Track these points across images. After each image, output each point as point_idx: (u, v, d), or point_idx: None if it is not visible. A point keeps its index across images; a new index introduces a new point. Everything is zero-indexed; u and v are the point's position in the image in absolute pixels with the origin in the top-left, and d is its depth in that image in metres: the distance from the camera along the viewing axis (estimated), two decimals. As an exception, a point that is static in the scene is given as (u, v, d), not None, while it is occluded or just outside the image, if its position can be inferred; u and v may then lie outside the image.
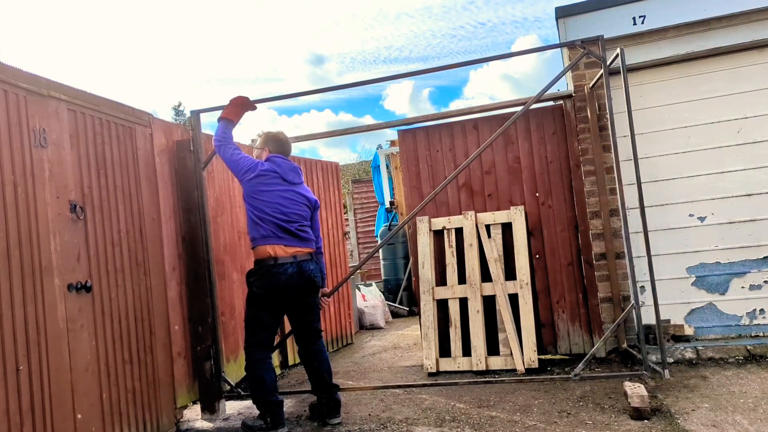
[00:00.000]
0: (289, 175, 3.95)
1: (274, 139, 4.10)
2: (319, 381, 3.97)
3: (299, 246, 3.84)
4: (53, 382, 3.07)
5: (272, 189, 3.85)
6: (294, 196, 3.91)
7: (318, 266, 3.99)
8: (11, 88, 3.01)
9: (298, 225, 3.87)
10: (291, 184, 3.94)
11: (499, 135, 4.44)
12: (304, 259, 3.85)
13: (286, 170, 3.95)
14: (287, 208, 3.85)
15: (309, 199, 4.01)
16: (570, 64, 4.42)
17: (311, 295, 3.95)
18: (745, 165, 4.74)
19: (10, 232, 2.91)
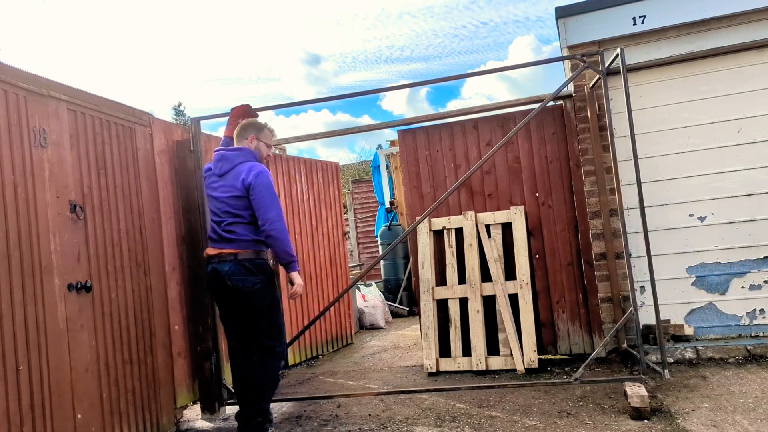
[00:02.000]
0: (218, 167, 3.62)
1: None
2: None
3: (219, 247, 3.53)
4: (53, 382, 3.07)
5: (210, 190, 3.68)
6: (223, 190, 3.56)
7: (239, 268, 3.45)
8: (11, 88, 3.01)
9: (225, 223, 3.53)
10: (220, 177, 3.60)
11: (504, 143, 4.43)
12: (223, 260, 3.49)
13: (216, 162, 3.65)
14: (217, 206, 3.59)
15: (236, 187, 3.50)
16: (571, 77, 4.42)
17: (237, 302, 3.51)
18: (745, 165, 4.74)
19: (10, 232, 2.91)
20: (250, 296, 3.47)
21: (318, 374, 5.51)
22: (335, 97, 4.95)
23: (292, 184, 6.20)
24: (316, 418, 4.12)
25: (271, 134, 3.89)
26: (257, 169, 3.52)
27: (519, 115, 5.25)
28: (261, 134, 3.79)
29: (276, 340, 3.57)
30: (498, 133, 5.32)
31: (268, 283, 3.54)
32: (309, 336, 6.10)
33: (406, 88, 6.86)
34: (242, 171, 3.52)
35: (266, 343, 3.53)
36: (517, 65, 4.61)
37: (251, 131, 3.77)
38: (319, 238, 6.54)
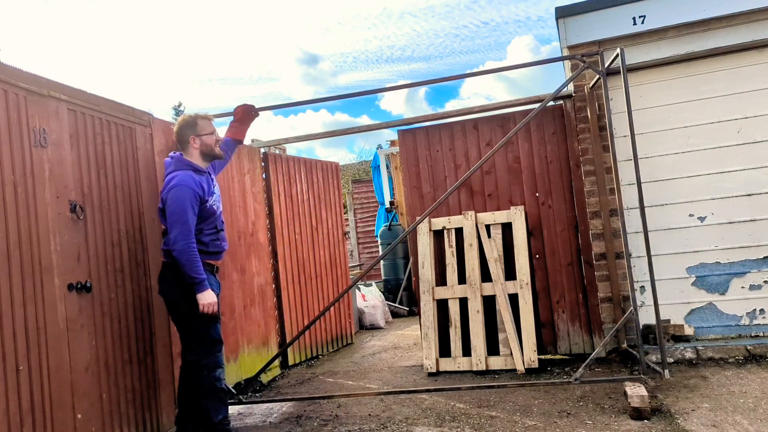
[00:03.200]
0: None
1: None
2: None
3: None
4: (53, 382, 3.06)
5: None
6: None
7: (162, 277, 3.55)
8: (11, 88, 3.01)
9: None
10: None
11: (504, 143, 4.44)
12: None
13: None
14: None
15: (161, 198, 3.52)
16: (571, 77, 4.43)
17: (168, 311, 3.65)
18: (745, 165, 4.74)
19: (10, 232, 2.91)
20: (170, 306, 3.57)
21: (318, 374, 5.51)
22: (334, 97, 4.96)
23: (292, 184, 6.20)
24: (316, 418, 4.12)
25: (207, 121, 3.70)
26: (173, 182, 3.43)
27: (519, 115, 5.25)
28: (197, 129, 3.64)
29: (197, 353, 3.46)
30: (498, 133, 5.32)
31: (188, 293, 3.42)
32: (309, 336, 6.10)
33: (404, 88, 6.87)
34: (165, 183, 3.53)
35: (187, 356, 3.52)
36: (516, 65, 4.61)
37: (188, 132, 3.64)
38: (319, 238, 6.54)
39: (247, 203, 5.38)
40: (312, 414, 4.24)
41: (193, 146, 3.63)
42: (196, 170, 3.58)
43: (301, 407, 4.44)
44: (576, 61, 4.72)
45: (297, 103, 4.93)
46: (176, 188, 3.40)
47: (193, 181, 3.46)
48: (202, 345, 3.46)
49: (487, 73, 4.89)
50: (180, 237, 3.35)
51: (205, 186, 3.55)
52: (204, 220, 3.54)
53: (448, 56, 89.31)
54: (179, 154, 3.65)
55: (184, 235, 3.35)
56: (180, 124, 3.68)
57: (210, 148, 3.66)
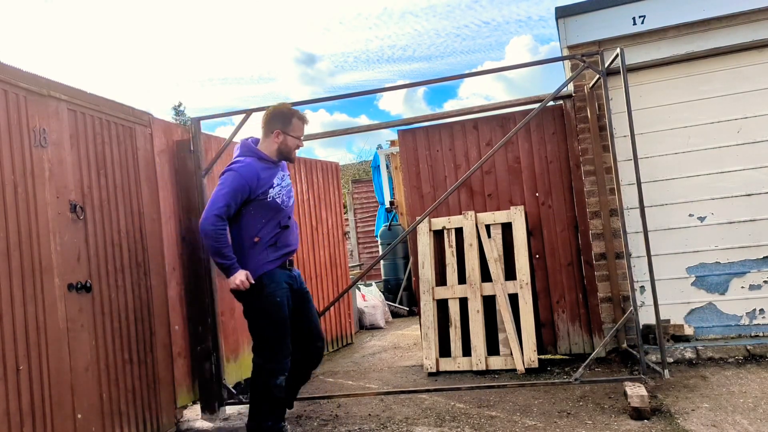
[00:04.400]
0: None
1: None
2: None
3: None
4: (53, 382, 3.07)
5: None
6: None
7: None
8: (11, 88, 3.01)
9: None
10: None
11: (504, 143, 4.43)
12: None
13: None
14: None
15: None
16: (571, 77, 4.42)
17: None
18: (745, 165, 4.74)
19: (10, 232, 2.91)
20: (241, 302, 3.46)
21: (318, 374, 5.51)
22: (334, 97, 4.95)
23: (292, 184, 6.19)
24: (316, 418, 4.12)
25: (301, 123, 3.51)
26: (229, 167, 3.36)
27: (519, 115, 5.25)
28: (289, 127, 3.44)
29: (261, 356, 3.39)
30: (498, 133, 5.32)
31: (255, 294, 3.34)
32: (309, 336, 6.09)
33: (403, 88, 6.86)
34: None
35: (253, 358, 3.42)
36: (516, 65, 4.60)
37: (276, 124, 3.43)
38: (319, 238, 6.54)
39: (247, 203, 5.37)
40: (312, 414, 4.24)
41: (275, 140, 3.44)
42: (261, 158, 3.40)
43: (301, 407, 4.44)
44: (576, 61, 4.72)
45: (296, 104, 4.90)
46: (227, 173, 3.32)
47: (250, 170, 3.29)
48: (266, 348, 3.36)
49: (486, 74, 4.91)
50: (207, 219, 3.22)
51: (263, 176, 3.35)
52: (264, 214, 3.35)
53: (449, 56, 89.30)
54: (252, 139, 3.48)
55: (213, 219, 3.21)
56: (274, 111, 3.47)
57: (288, 151, 3.49)
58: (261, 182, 3.33)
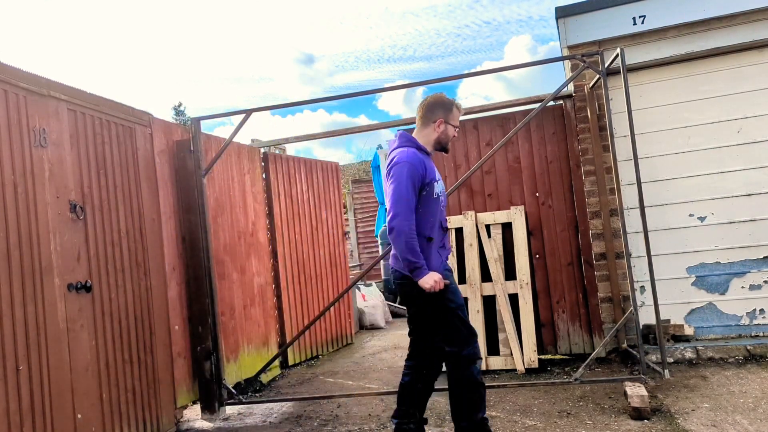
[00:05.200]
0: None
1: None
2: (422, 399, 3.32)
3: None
4: (53, 382, 3.07)
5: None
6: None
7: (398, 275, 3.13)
8: (11, 88, 3.01)
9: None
10: None
11: (504, 143, 4.43)
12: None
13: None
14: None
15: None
16: (571, 77, 4.42)
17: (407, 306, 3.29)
18: (745, 165, 4.74)
19: (10, 232, 2.91)
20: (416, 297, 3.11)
21: (318, 374, 5.51)
22: (333, 97, 4.97)
23: (292, 184, 6.20)
24: (316, 418, 4.12)
25: (459, 113, 3.33)
26: (395, 159, 3.08)
27: (519, 115, 5.25)
28: (450, 115, 3.25)
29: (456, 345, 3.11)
30: (498, 133, 5.32)
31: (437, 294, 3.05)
32: (309, 336, 6.10)
33: (402, 88, 6.85)
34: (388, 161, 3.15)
35: (445, 349, 3.12)
36: (516, 65, 4.60)
37: (439, 112, 3.23)
38: (319, 238, 6.54)
39: (247, 203, 5.38)
40: (312, 414, 4.24)
41: (436, 129, 3.22)
42: (419, 148, 3.19)
43: (301, 407, 4.44)
44: (576, 61, 4.72)
45: (295, 104, 4.91)
46: (397, 165, 3.04)
47: (416, 158, 3.08)
48: (458, 335, 3.12)
49: (485, 74, 4.91)
50: (402, 216, 2.96)
51: (428, 166, 3.15)
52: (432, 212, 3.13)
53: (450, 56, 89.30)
54: (405, 133, 3.27)
55: (404, 215, 2.96)
56: (435, 99, 3.27)
57: (447, 141, 3.29)
58: (428, 171, 3.12)
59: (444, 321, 3.11)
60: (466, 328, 3.14)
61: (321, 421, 4.05)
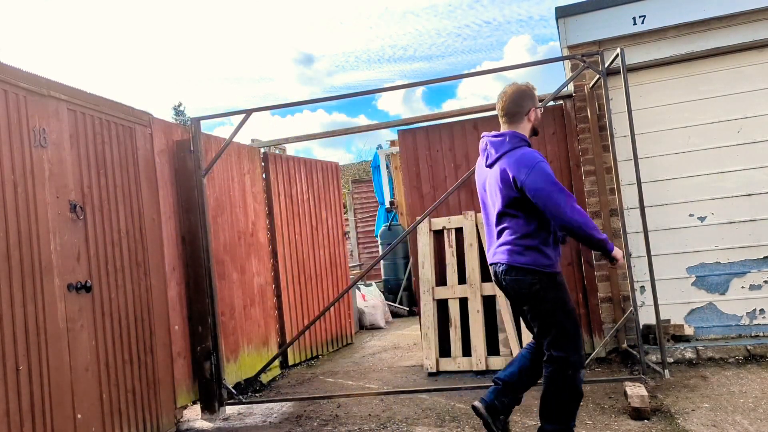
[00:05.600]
0: (485, 157, 3.12)
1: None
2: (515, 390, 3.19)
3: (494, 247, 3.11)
4: (53, 382, 3.07)
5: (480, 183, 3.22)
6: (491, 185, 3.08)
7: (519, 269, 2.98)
8: (11, 88, 3.01)
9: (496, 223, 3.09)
10: (489, 168, 3.08)
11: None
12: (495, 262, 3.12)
13: (482, 152, 3.17)
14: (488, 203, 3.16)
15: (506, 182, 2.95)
16: (571, 77, 4.43)
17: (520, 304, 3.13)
18: (745, 165, 4.74)
19: (10, 232, 2.91)
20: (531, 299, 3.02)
21: (318, 374, 5.51)
22: (333, 97, 4.97)
23: (292, 184, 6.20)
24: (316, 418, 4.12)
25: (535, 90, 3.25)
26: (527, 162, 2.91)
27: (519, 115, 5.24)
28: (535, 99, 3.14)
29: (564, 350, 2.99)
30: (498, 133, 5.31)
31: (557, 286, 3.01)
32: (309, 336, 6.10)
33: (402, 88, 6.85)
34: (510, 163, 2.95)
35: (553, 353, 2.99)
36: (516, 65, 4.61)
37: (528, 102, 3.09)
38: (319, 238, 6.54)
39: (247, 203, 5.38)
40: (312, 414, 4.24)
41: (529, 119, 3.09)
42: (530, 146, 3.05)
43: (301, 407, 4.44)
44: (576, 61, 4.72)
45: (295, 104, 4.92)
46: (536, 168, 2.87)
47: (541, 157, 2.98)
48: (568, 340, 3.00)
49: (486, 74, 4.91)
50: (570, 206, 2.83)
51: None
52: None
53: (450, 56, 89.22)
54: (512, 131, 3.08)
55: (571, 200, 2.86)
56: (518, 91, 3.11)
57: (539, 123, 3.18)
58: None
59: (555, 322, 3.00)
60: (576, 333, 3.03)
61: (321, 421, 4.05)
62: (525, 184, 2.87)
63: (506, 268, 3.02)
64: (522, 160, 2.92)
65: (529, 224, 2.98)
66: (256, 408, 4.52)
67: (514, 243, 2.99)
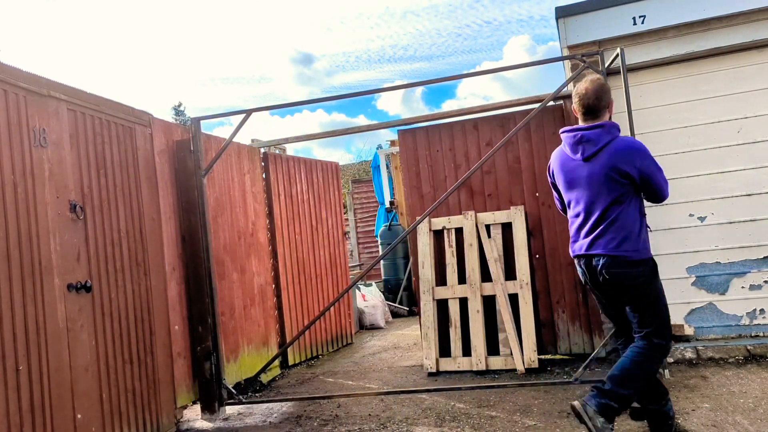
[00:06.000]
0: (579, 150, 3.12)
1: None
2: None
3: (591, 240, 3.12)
4: (53, 382, 3.07)
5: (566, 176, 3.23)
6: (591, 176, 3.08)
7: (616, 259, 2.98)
8: (11, 88, 3.01)
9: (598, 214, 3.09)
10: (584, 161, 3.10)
11: (504, 143, 4.43)
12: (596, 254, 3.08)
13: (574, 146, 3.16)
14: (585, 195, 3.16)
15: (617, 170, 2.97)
16: (571, 77, 4.42)
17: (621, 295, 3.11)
18: (745, 165, 4.73)
19: (10, 232, 2.91)
20: (635, 288, 3.03)
21: (318, 374, 5.51)
22: (333, 97, 4.97)
23: (292, 184, 6.20)
24: (316, 418, 4.12)
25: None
26: (637, 148, 3.00)
27: (519, 115, 5.25)
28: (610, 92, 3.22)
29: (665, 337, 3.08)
30: (498, 133, 5.32)
31: (656, 274, 3.06)
32: (309, 336, 6.10)
33: (401, 88, 6.85)
34: (619, 152, 2.98)
35: (653, 340, 3.03)
36: (516, 65, 4.60)
37: (607, 96, 3.13)
38: (319, 238, 6.54)
39: (247, 203, 5.38)
40: (312, 414, 4.24)
41: (610, 111, 3.16)
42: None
43: (301, 407, 4.44)
44: (576, 61, 4.72)
45: (295, 104, 4.92)
46: (645, 149, 3.01)
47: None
48: (667, 329, 3.08)
49: (486, 74, 4.91)
50: (665, 181, 3.05)
51: None
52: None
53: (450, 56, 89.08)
54: (609, 122, 3.12)
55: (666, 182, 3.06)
56: (598, 88, 3.13)
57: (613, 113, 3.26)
58: None
59: (659, 312, 3.06)
60: (669, 321, 3.13)
61: (321, 421, 4.05)
62: (641, 169, 2.95)
63: (610, 261, 3.00)
64: (632, 147, 3.01)
65: (634, 213, 3.04)
66: (256, 408, 4.52)
67: (620, 233, 3.00)
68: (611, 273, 3.01)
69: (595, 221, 3.07)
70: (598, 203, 3.06)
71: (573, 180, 3.18)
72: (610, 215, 3.02)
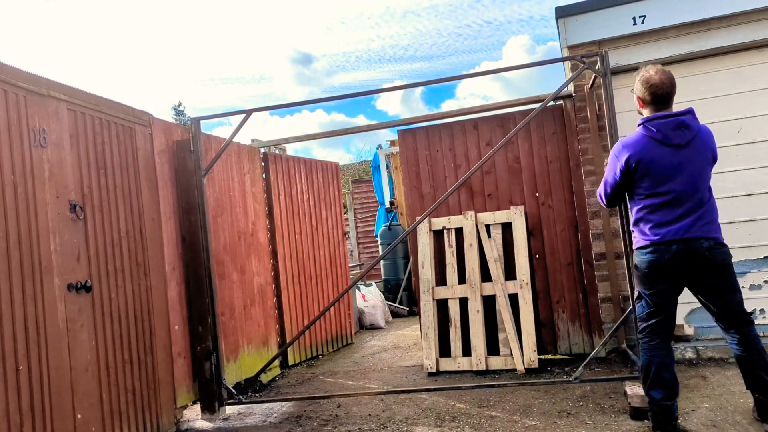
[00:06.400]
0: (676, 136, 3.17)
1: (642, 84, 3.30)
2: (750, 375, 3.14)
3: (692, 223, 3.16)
4: (53, 382, 3.07)
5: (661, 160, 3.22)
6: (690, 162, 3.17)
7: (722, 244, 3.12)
8: (11, 88, 3.01)
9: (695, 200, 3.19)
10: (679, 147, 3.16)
11: (504, 143, 4.43)
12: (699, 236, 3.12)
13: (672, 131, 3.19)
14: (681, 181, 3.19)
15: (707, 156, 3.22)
16: (571, 78, 4.42)
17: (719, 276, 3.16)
18: (745, 165, 4.73)
19: (10, 232, 2.91)
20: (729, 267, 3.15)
21: (318, 374, 5.52)
22: (332, 97, 4.97)
23: (292, 184, 6.20)
24: (316, 418, 4.12)
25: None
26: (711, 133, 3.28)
27: (519, 115, 5.25)
28: None
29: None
30: (498, 133, 5.32)
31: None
32: (309, 336, 6.10)
33: (401, 89, 6.86)
34: (707, 138, 3.21)
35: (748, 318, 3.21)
36: (516, 66, 4.60)
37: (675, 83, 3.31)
38: (319, 238, 6.54)
39: (247, 203, 5.38)
40: (312, 414, 4.24)
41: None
42: None
43: (301, 407, 4.44)
44: (576, 62, 4.72)
45: (295, 104, 4.91)
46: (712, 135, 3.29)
47: None
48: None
49: (486, 74, 4.91)
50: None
51: None
52: None
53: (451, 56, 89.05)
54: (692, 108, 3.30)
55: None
56: (670, 75, 3.33)
57: None
58: None
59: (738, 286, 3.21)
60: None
61: (321, 421, 4.05)
62: (714, 152, 3.23)
63: (715, 243, 3.09)
64: (710, 132, 3.25)
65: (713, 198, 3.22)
66: (256, 408, 4.52)
67: (714, 215, 3.17)
68: (717, 253, 3.08)
69: (695, 205, 3.13)
70: (697, 187, 3.15)
71: (667, 166, 3.16)
72: (707, 198, 3.16)
